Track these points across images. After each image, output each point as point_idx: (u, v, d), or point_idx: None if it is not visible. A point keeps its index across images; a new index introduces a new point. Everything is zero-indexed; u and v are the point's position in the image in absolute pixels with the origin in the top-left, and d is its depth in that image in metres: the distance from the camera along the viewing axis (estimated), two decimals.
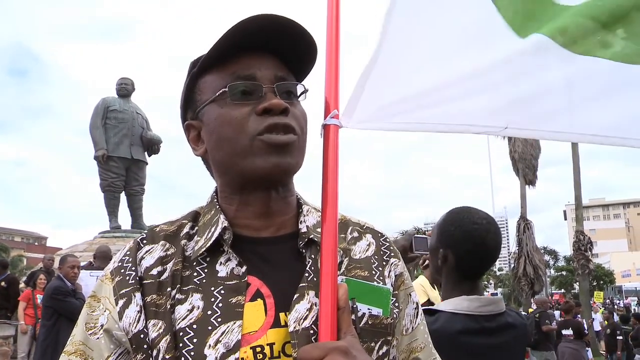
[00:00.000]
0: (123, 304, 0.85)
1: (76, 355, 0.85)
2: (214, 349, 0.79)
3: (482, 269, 1.64)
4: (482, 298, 1.57)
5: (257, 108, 0.87)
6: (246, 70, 0.89)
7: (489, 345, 1.52)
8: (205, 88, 0.93)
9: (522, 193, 23.96)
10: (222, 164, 0.92)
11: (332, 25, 1.04)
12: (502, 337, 1.56)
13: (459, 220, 1.62)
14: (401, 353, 0.98)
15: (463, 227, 1.60)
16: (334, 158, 0.95)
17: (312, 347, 0.77)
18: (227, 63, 0.90)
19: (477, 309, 1.54)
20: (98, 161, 9.74)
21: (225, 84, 0.89)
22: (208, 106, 0.91)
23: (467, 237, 1.58)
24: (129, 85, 10.15)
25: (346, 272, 0.93)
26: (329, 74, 1.00)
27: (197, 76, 0.94)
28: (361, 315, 0.89)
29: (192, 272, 0.87)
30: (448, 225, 1.64)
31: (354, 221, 1.04)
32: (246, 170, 0.88)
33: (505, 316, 1.59)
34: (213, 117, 0.90)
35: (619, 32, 1.00)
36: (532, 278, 22.24)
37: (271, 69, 0.91)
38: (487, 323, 1.54)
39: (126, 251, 0.92)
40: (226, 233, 0.89)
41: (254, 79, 0.89)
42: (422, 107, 1.04)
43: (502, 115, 1.03)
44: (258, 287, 0.86)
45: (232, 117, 0.88)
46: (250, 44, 0.89)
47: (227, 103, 0.89)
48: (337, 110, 0.99)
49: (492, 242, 1.59)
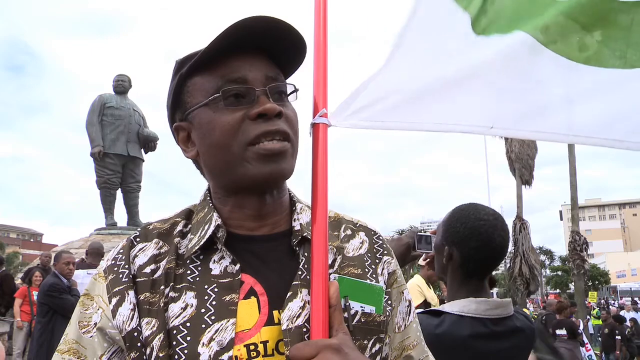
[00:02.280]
0: (116, 302, 0.85)
1: (69, 354, 0.85)
2: (207, 347, 0.79)
3: (488, 267, 1.57)
4: (490, 300, 1.51)
5: (250, 113, 0.86)
6: (236, 72, 0.88)
7: (498, 349, 1.47)
8: (194, 90, 0.91)
9: (519, 193, 24.03)
10: (215, 169, 0.92)
11: (320, 25, 1.04)
12: (510, 342, 1.50)
13: (464, 217, 1.57)
14: (393, 351, 0.98)
15: (468, 223, 1.54)
16: (324, 157, 0.95)
17: (304, 344, 0.77)
18: (217, 65, 0.88)
19: (486, 312, 1.47)
20: (94, 158, 9.71)
21: (216, 86, 0.88)
22: (199, 109, 0.90)
23: (473, 233, 1.53)
24: (125, 82, 10.12)
25: (339, 270, 0.93)
26: (317, 72, 1.00)
27: (185, 77, 0.92)
28: (354, 313, 0.89)
29: (186, 270, 0.87)
30: (453, 222, 1.59)
31: (347, 219, 1.04)
32: (240, 177, 0.88)
33: (513, 320, 1.54)
34: (205, 122, 0.89)
35: (596, 35, 1.00)
36: (527, 278, 22.32)
37: (262, 70, 0.89)
38: (495, 327, 1.48)
39: (119, 249, 0.92)
40: (219, 231, 0.89)
41: (245, 81, 0.88)
42: (409, 107, 1.05)
43: (487, 115, 1.03)
44: (252, 285, 0.86)
45: (225, 122, 0.86)
46: (239, 45, 0.88)
47: (219, 107, 0.87)
48: (326, 109, 0.99)
49: (498, 238, 1.53)
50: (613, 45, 0.99)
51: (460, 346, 1.39)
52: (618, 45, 0.98)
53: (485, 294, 1.56)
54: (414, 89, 1.06)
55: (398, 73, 1.08)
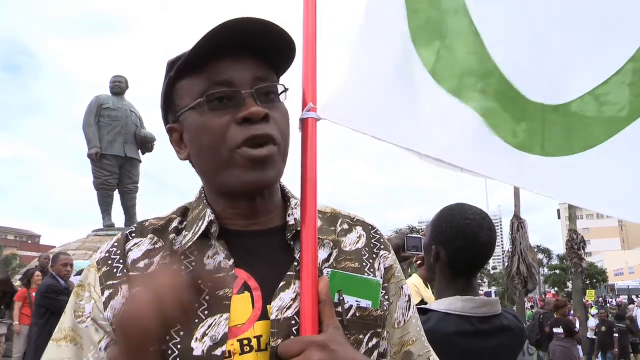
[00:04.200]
0: (109, 295, 0.86)
1: (66, 341, 0.85)
2: (200, 342, 0.80)
3: (475, 265, 1.59)
4: (476, 299, 1.53)
5: (236, 117, 0.86)
6: (223, 74, 0.87)
7: (484, 347, 1.48)
8: (182, 93, 0.91)
9: (516, 192, 24.01)
10: (205, 171, 0.92)
11: (309, 18, 1.03)
12: (496, 340, 1.51)
13: (451, 217, 1.59)
14: (393, 346, 0.97)
15: (454, 222, 1.57)
16: (312, 151, 0.95)
17: (291, 341, 0.79)
18: (204, 67, 0.88)
19: (471, 310, 1.49)
20: (91, 159, 9.68)
21: (202, 89, 0.87)
22: (187, 112, 0.90)
23: (459, 232, 1.55)
24: (122, 83, 10.09)
25: (335, 264, 0.93)
26: (305, 66, 1.00)
27: (174, 79, 0.92)
28: (348, 307, 0.89)
29: (180, 266, 0.87)
30: (440, 222, 1.61)
31: (344, 214, 1.04)
32: (227, 182, 0.88)
33: (500, 318, 1.55)
34: (193, 126, 0.89)
35: (522, 125, 1.11)
36: (525, 276, 22.27)
37: (249, 70, 0.89)
38: (481, 325, 1.49)
39: (114, 242, 0.92)
40: (212, 226, 0.90)
41: (232, 84, 0.87)
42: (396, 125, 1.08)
43: (460, 155, 1.09)
44: (245, 280, 0.87)
45: (212, 126, 0.86)
46: (224, 46, 0.86)
47: (205, 111, 0.87)
48: (313, 104, 0.99)
49: (485, 237, 1.55)
50: (535, 138, 1.10)
51: (446, 343, 1.39)
52: (537, 138, 1.10)
53: (472, 292, 1.57)
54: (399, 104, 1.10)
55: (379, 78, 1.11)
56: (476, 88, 1.12)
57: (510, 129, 1.10)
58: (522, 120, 1.11)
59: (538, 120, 1.10)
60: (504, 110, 1.11)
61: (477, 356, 1.48)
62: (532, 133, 1.10)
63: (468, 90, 1.11)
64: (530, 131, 1.10)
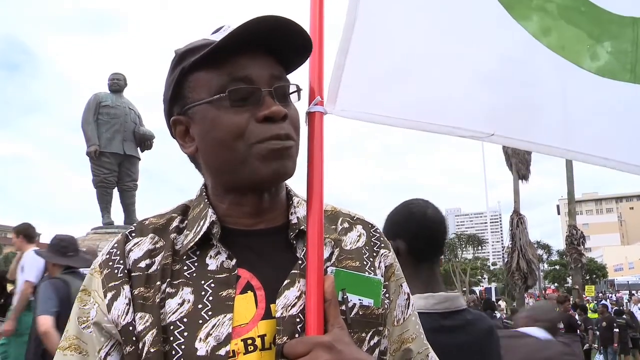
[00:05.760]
0: (112, 297, 0.85)
1: (71, 350, 0.85)
2: (204, 342, 0.80)
3: (433, 246, 1.61)
4: (436, 295, 1.53)
5: (257, 115, 0.85)
6: (242, 70, 0.87)
7: (449, 344, 1.45)
8: (197, 86, 0.89)
9: (516, 188, 24.12)
10: (216, 167, 0.91)
11: (316, 11, 1.02)
12: (462, 336, 1.51)
13: (395, 211, 1.67)
14: (392, 344, 0.98)
15: (401, 211, 1.65)
16: (319, 146, 0.94)
17: (297, 342, 0.78)
18: (223, 61, 0.87)
19: (433, 306, 1.50)
20: (90, 157, 9.67)
21: (221, 84, 0.86)
22: (202, 106, 0.89)
23: (408, 217, 1.62)
24: (121, 81, 10.07)
25: (337, 263, 0.93)
26: (312, 60, 0.99)
27: (187, 71, 0.90)
28: (351, 305, 0.89)
29: (183, 266, 0.87)
30: (389, 218, 1.67)
31: (344, 212, 1.04)
32: (243, 176, 0.87)
33: (464, 314, 1.55)
34: (209, 120, 0.88)
35: (606, 45, 0.96)
36: (525, 272, 22.41)
37: (267, 68, 0.89)
38: (444, 321, 1.49)
39: (114, 244, 0.92)
40: (214, 227, 0.89)
41: (251, 80, 0.87)
42: (407, 102, 1.01)
43: (489, 121, 0.99)
44: (248, 280, 0.86)
45: (231, 122, 0.85)
46: (251, 43, 0.86)
47: (224, 106, 0.86)
48: (321, 97, 0.98)
49: (432, 216, 1.61)
50: (623, 58, 0.95)
51: None
52: (628, 58, 0.95)
53: (437, 285, 1.58)
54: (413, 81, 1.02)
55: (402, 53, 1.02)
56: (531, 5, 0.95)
57: (586, 51, 0.94)
58: (604, 40, 0.94)
59: (627, 39, 0.93)
60: (577, 27, 0.94)
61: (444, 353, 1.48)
62: (618, 54, 0.94)
63: (522, 6, 0.96)
64: (617, 52, 0.94)
